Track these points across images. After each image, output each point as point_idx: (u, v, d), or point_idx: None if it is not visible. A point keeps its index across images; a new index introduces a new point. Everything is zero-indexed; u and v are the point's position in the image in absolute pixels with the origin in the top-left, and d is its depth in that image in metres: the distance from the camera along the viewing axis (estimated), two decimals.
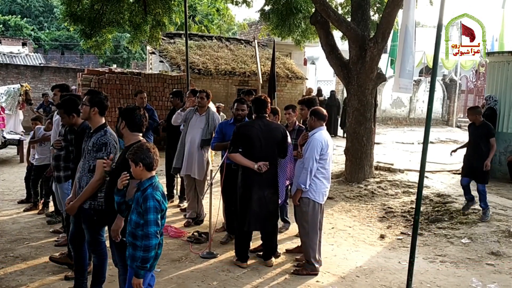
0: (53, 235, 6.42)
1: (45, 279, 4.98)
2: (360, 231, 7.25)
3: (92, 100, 4.40)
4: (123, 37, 36.06)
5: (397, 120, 26.06)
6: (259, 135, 5.40)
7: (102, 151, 4.25)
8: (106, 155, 4.23)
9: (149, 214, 3.43)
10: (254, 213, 5.41)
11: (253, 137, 5.39)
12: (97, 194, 4.33)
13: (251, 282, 5.10)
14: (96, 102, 4.40)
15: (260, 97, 5.68)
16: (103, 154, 4.24)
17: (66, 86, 6.85)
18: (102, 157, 4.23)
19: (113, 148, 4.32)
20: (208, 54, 18.47)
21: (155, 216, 3.45)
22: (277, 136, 5.52)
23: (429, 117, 4.72)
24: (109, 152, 4.27)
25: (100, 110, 4.42)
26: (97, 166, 4.25)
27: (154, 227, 3.43)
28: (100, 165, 4.22)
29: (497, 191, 9.26)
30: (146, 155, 3.53)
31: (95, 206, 4.34)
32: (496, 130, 10.76)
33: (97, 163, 4.25)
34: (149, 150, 3.56)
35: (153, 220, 3.44)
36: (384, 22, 9.15)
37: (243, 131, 5.47)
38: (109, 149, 4.28)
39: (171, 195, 8.48)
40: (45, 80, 22.39)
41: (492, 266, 5.78)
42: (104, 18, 11.73)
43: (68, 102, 4.95)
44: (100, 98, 4.45)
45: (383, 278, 5.39)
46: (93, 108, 4.38)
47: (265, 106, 5.59)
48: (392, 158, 12.89)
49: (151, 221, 3.43)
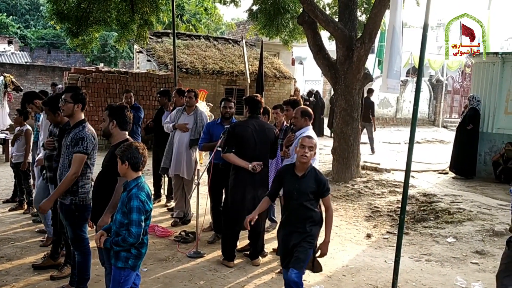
0: (38, 235, 6.37)
1: (30, 279, 4.94)
2: (346, 230, 7.29)
3: (76, 97, 4.41)
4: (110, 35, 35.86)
5: (384, 120, 26.20)
6: (254, 135, 5.41)
7: (79, 145, 4.27)
8: (83, 149, 4.25)
9: (133, 214, 3.43)
10: (248, 212, 5.40)
11: (247, 137, 5.38)
12: (78, 190, 4.33)
13: (238, 281, 5.11)
14: (80, 99, 4.43)
15: (254, 97, 5.68)
16: (79, 148, 4.26)
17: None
18: (79, 151, 4.25)
19: (90, 143, 4.33)
20: (196, 54, 18.43)
21: (138, 216, 3.44)
22: (270, 136, 5.54)
23: (415, 117, 4.75)
24: (86, 147, 4.28)
25: (82, 106, 4.44)
26: (74, 160, 4.27)
27: (135, 227, 3.43)
28: (77, 159, 4.25)
29: (482, 191, 9.36)
30: (133, 155, 3.53)
31: (76, 202, 4.34)
32: (479, 130, 10.91)
33: (74, 157, 4.27)
34: (138, 151, 3.55)
35: (136, 220, 3.43)
36: (371, 22, 9.21)
37: (238, 131, 5.45)
38: (85, 144, 4.29)
39: (159, 194, 8.45)
40: (31, 78, 22.20)
41: (477, 265, 5.85)
42: (91, 17, 11.65)
43: (54, 100, 4.93)
44: (83, 95, 4.48)
45: (369, 277, 5.42)
46: (77, 104, 4.40)
47: (259, 106, 5.61)
48: (379, 158, 12.98)
49: (134, 221, 3.43)
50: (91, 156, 4.39)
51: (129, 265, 3.53)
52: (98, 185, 4.17)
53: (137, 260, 3.59)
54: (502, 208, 7.71)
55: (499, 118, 10.81)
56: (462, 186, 9.87)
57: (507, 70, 10.68)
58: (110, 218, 3.84)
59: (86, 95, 4.54)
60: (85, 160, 4.32)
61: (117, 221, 3.53)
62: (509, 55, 11.05)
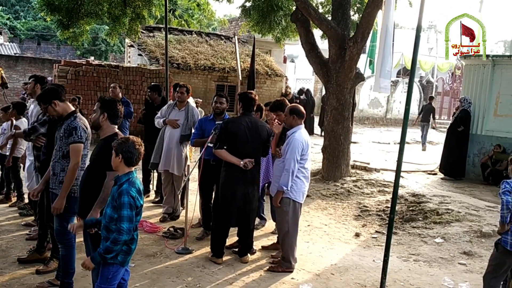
0: (24, 228, 6.30)
1: (15, 273, 4.88)
2: (335, 229, 7.30)
3: (45, 99, 4.47)
4: (102, 29, 35.62)
5: (374, 120, 26.31)
6: (246, 132, 5.37)
7: (73, 135, 4.28)
8: (78, 139, 4.26)
9: (123, 210, 3.38)
10: (239, 209, 5.40)
11: (240, 134, 5.34)
12: None
13: (226, 278, 5.08)
14: (50, 97, 4.45)
15: (249, 94, 5.65)
16: (74, 138, 4.27)
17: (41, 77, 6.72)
18: (75, 141, 4.26)
19: (83, 132, 4.33)
20: (187, 49, 18.35)
21: (129, 212, 3.40)
22: (263, 134, 5.50)
23: (406, 117, 4.76)
24: (80, 136, 4.28)
25: (60, 99, 4.44)
26: (72, 151, 4.27)
27: (126, 223, 3.38)
28: (74, 150, 4.25)
29: (470, 192, 9.42)
30: (129, 149, 3.48)
31: (67, 193, 4.29)
32: (470, 132, 10.99)
33: (71, 147, 4.27)
34: (134, 146, 3.51)
35: (126, 216, 3.38)
36: (364, 22, 9.21)
37: (231, 127, 5.40)
38: (79, 133, 4.29)
39: (148, 190, 8.40)
40: (20, 70, 21.98)
41: (464, 266, 5.88)
42: (82, 9, 11.52)
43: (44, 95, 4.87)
44: (51, 92, 4.50)
45: (358, 276, 5.43)
46: (53, 103, 4.42)
47: (253, 103, 5.58)
48: (369, 158, 13.01)
49: (124, 217, 3.38)
50: (85, 146, 4.37)
51: (118, 261, 3.49)
52: (85, 179, 4.11)
53: (127, 256, 3.54)
54: (489, 210, 7.77)
55: (489, 120, 10.89)
56: (450, 187, 9.93)
57: (497, 73, 10.76)
58: (99, 213, 3.80)
59: (58, 87, 4.56)
60: (82, 148, 4.31)
61: (107, 215, 3.48)
62: (500, 58, 11.14)
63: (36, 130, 5.26)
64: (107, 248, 3.40)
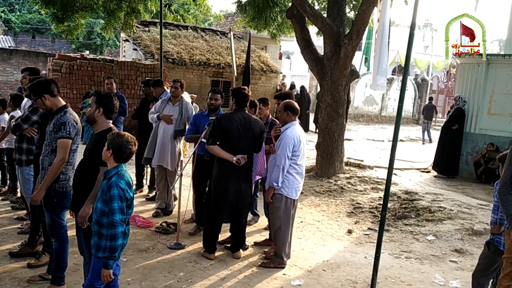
0: (16, 222, 6.28)
1: (7, 266, 4.87)
2: (328, 225, 7.32)
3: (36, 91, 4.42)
4: (97, 23, 35.44)
5: (368, 118, 26.37)
6: (239, 128, 5.35)
7: (61, 131, 4.24)
8: (66, 134, 4.23)
9: (114, 202, 3.38)
10: (231, 205, 5.39)
11: (233, 130, 5.32)
12: (59, 176, 4.29)
13: (218, 274, 5.09)
14: (41, 91, 4.41)
15: (242, 89, 5.63)
16: (62, 133, 4.23)
17: (37, 70, 6.68)
18: (62, 136, 4.23)
19: (72, 128, 4.29)
20: (183, 44, 18.30)
21: (120, 204, 3.40)
22: (256, 130, 5.49)
23: (399, 115, 4.77)
24: (69, 131, 4.25)
25: (51, 94, 4.40)
26: (59, 146, 4.24)
27: (119, 215, 3.39)
28: (61, 145, 4.22)
29: (463, 190, 9.47)
30: (120, 146, 3.47)
31: (55, 188, 4.29)
32: (464, 131, 11.04)
33: (59, 143, 4.24)
34: (127, 144, 3.49)
35: (118, 208, 3.39)
36: (359, 19, 9.21)
37: (224, 123, 5.38)
38: (68, 128, 4.26)
39: (141, 184, 8.39)
40: (14, 63, 21.85)
41: (455, 263, 5.91)
42: (77, 3, 11.48)
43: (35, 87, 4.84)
44: (42, 84, 4.46)
45: (349, 272, 5.45)
46: (43, 97, 4.39)
47: (246, 99, 5.56)
48: (362, 155, 13.05)
49: (116, 209, 3.38)
50: (74, 141, 4.34)
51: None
52: (79, 173, 4.10)
53: (119, 250, 3.54)
54: (481, 208, 7.80)
55: (482, 119, 10.95)
56: (443, 185, 9.98)
57: (491, 72, 10.81)
58: (91, 208, 3.79)
59: (51, 82, 4.50)
60: (70, 144, 4.27)
61: (98, 209, 3.48)
62: (494, 57, 11.19)
63: (20, 127, 5.24)
64: (110, 248, 3.40)
